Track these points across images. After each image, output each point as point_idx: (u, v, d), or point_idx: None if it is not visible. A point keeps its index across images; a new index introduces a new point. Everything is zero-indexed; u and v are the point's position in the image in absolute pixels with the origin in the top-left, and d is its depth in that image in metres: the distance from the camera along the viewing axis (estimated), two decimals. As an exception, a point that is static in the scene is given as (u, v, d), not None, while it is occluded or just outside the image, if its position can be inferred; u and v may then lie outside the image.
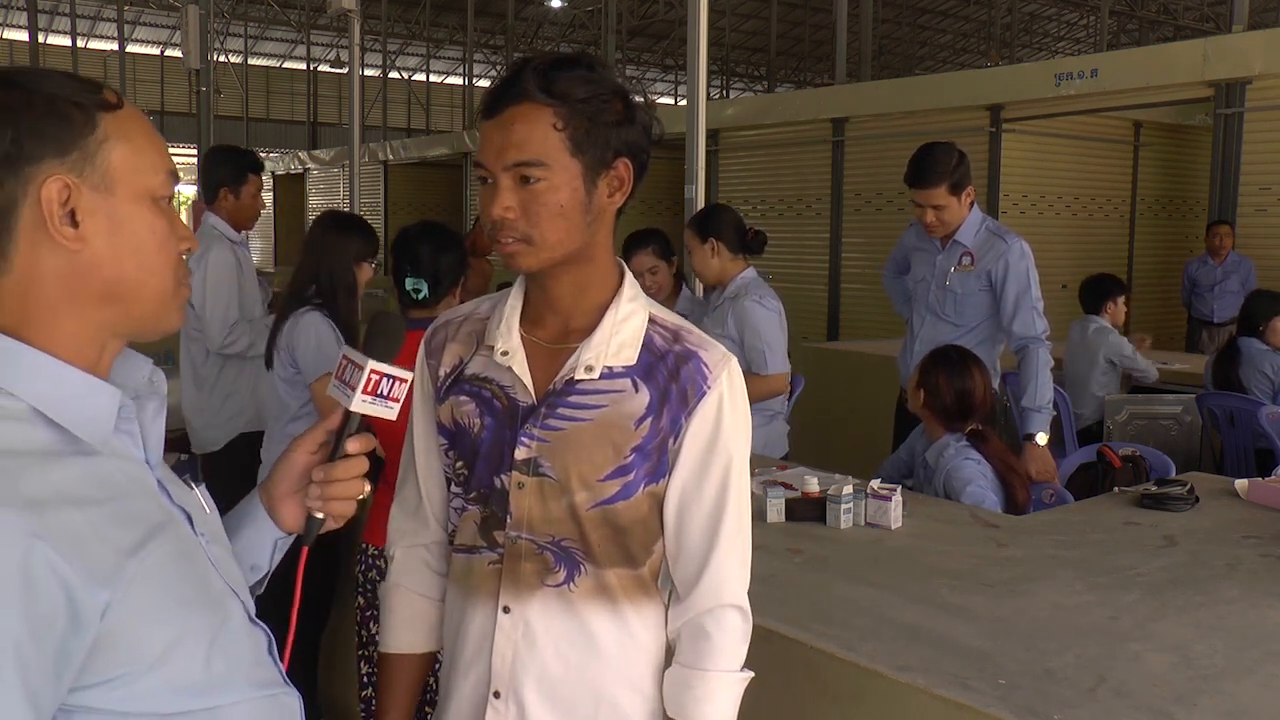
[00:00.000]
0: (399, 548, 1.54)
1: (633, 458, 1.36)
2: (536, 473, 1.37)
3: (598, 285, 1.41)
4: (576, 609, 1.38)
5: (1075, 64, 8.76)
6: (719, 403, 1.38)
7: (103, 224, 0.99)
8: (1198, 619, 1.99)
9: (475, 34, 24.29)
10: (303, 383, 3.16)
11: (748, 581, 1.44)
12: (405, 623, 1.53)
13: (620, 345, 1.38)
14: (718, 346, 1.42)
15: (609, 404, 1.36)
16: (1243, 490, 2.91)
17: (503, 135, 1.31)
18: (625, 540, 1.39)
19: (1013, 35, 24.73)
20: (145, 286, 1.02)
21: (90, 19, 29.12)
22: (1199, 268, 8.15)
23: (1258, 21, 17.29)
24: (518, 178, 1.31)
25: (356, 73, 8.34)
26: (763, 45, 26.33)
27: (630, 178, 1.37)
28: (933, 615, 1.99)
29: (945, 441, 3.07)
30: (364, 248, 3.30)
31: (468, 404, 1.42)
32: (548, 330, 1.42)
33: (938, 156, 3.67)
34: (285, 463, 1.26)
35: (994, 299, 3.70)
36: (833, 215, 10.54)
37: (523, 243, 1.32)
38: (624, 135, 1.34)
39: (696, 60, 5.17)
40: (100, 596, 0.90)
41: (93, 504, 0.94)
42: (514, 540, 1.39)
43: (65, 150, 0.96)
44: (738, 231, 3.80)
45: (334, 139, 28.22)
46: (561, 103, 1.29)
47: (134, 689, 0.94)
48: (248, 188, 4.05)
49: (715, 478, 1.39)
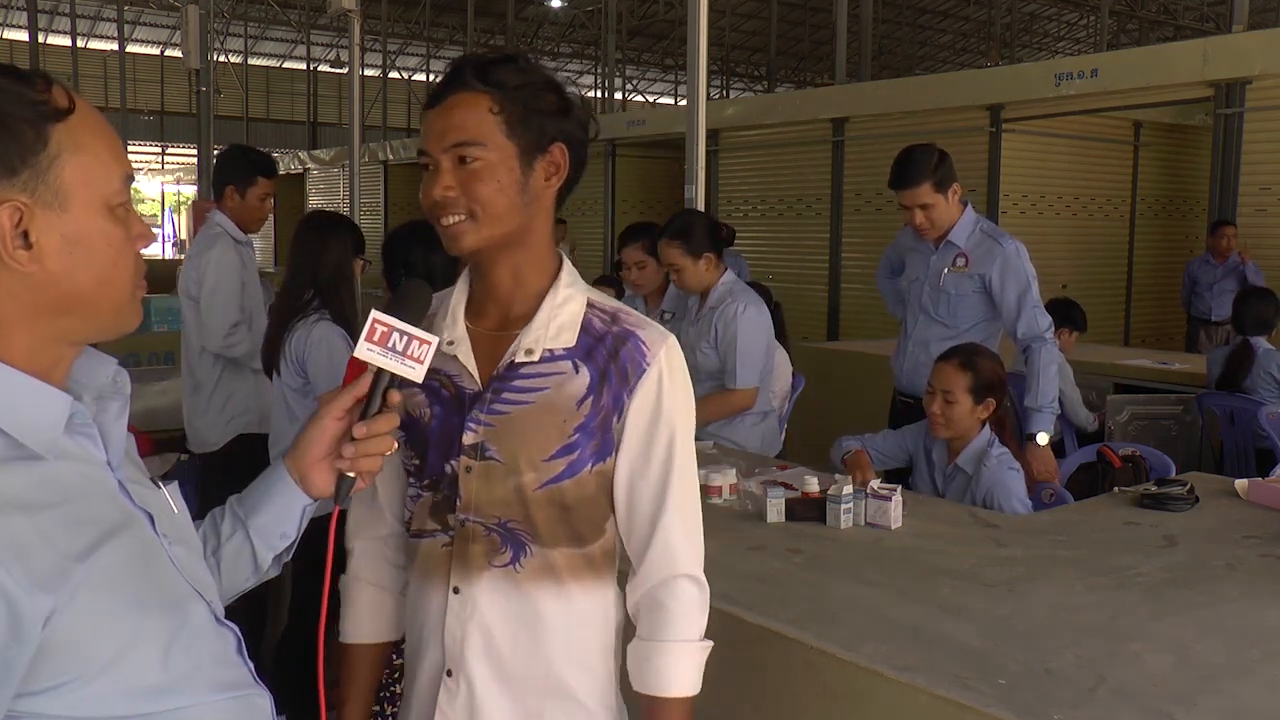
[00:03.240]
0: (358, 540, 1.58)
1: (577, 436, 1.41)
2: (483, 457, 1.42)
3: (536, 272, 1.46)
4: (523, 589, 1.42)
5: (1075, 64, 8.75)
6: (659, 379, 1.43)
7: (57, 242, 0.96)
8: (1198, 619, 1.99)
9: (475, 34, 24.28)
10: (312, 393, 3.14)
11: (701, 552, 1.48)
12: (365, 614, 1.58)
13: (559, 328, 1.43)
14: (655, 325, 1.47)
15: (550, 386, 1.41)
16: (1243, 490, 2.91)
17: (443, 121, 1.38)
18: (572, 520, 1.43)
19: (1013, 35, 24.73)
20: (101, 298, 1.01)
21: (90, 19, 29.12)
22: (1200, 267, 8.15)
23: (1258, 21, 17.29)
24: (456, 159, 1.37)
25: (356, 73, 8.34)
26: (763, 45, 26.33)
27: (566, 164, 1.43)
28: (933, 615, 1.99)
29: (981, 447, 3.02)
30: (355, 243, 3.30)
31: (418, 395, 1.46)
32: (490, 319, 1.47)
33: (917, 156, 3.67)
34: (314, 429, 1.27)
35: (988, 301, 3.69)
36: (832, 215, 10.54)
37: (466, 219, 1.38)
38: (559, 124, 1.42)
39: (696, 60, 5.16)
40: (44, 603, 0.89)
41: (38, 509, 0.92)
42: (463, 523, 1.43)
43: (15, 170, 0.94)
44: (715, 234, 3.76)
45: (334, 139, 28.24)
46: (497, 89, 1.38)
47: (84, 693, 0.93)
48: (255, 189, 4.00)
49: (659, 452, 1.43)
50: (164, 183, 38.74)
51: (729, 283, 3.72)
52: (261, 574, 1.29)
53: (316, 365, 3.10)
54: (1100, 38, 20.93)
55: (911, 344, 3.85)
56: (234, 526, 1.27)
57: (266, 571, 1.30)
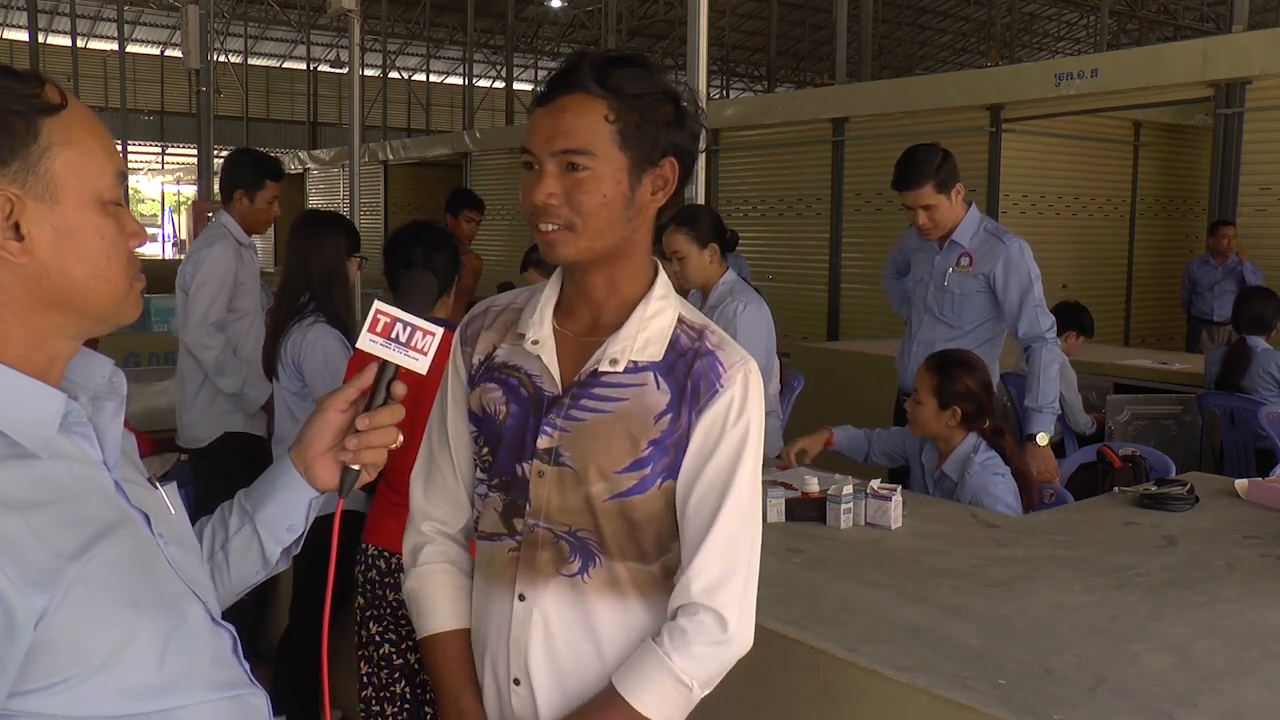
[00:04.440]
0: (434, 532, 1.54)
1: (649, 451, 1.37)
2: (557, 462, 1.39)
3: (631, 281, 1.42)
4: (587, 600, 1.40)
5: (1075, 64, 8.76)
6: (729, 405, 1.37)
7: (48, 233, 0.97)
8: (1198, 619, 1.99)
9: (475, 34, 24.29)
10: (310, 396, 3.14)
11: (740, 593, 1.39)
12: (456, 599, 1.52)
13: (646, 341, 1.39)
14: (737, 349, 1.42)
15: (630, 398, 1.38)
16: (1243, 490, 2.91)
17: (553, 122, 1.32)
18: (638, 535, 1.40)
19: (1013, 35, 24.73)
20: (96, 292, 1.01)
21: (90, 19, 29.13)
22: (1200, 267, 8.15)
23: (1258, 21, 17.30)
24: (564, 165, 1.32)
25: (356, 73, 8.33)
26: (763, 45, 26.33)
27: (675, 178, 1.39)
28: (933, 615, 1.99)
29: (965, 453, 3.02)
30: (350, 242, 3.29)
31: (495, 391, 1.44)
32: (579, 323, 1.44)
33: (920, 157, 3.66)
34: (318, 423, 1.27)
35: (992, 301, 3.69)
36: (833, 215, 10.55)
37: (565, 230, 1.33)
38: (673, 136, 1.36)
39: (696, 60, 5.16)
40: (37, 601, 0.89)
41: (32, 508, 0.92)
42: (532, 528, 1.41)
43: (5, 162, 0.95)
44: (721, 229, 3.75)
45: (334, 139, 28.24)
46: (614, 96, 1.31)
47: (79, 692, 0.93)
48: (263, 193, 3.99)
49: (714, 478, 1.37)
50: (164, 183, 38.76)
51: (730, 281, 3.71)
52: (270, 568, 1.29)
53: (312, 368, 3.09)
54: (1100, 38, 20.93)
55: (915, 344, 3.85)
56: (241, 520, 1.27)
57: (275, 565, 1.30)
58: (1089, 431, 5.13)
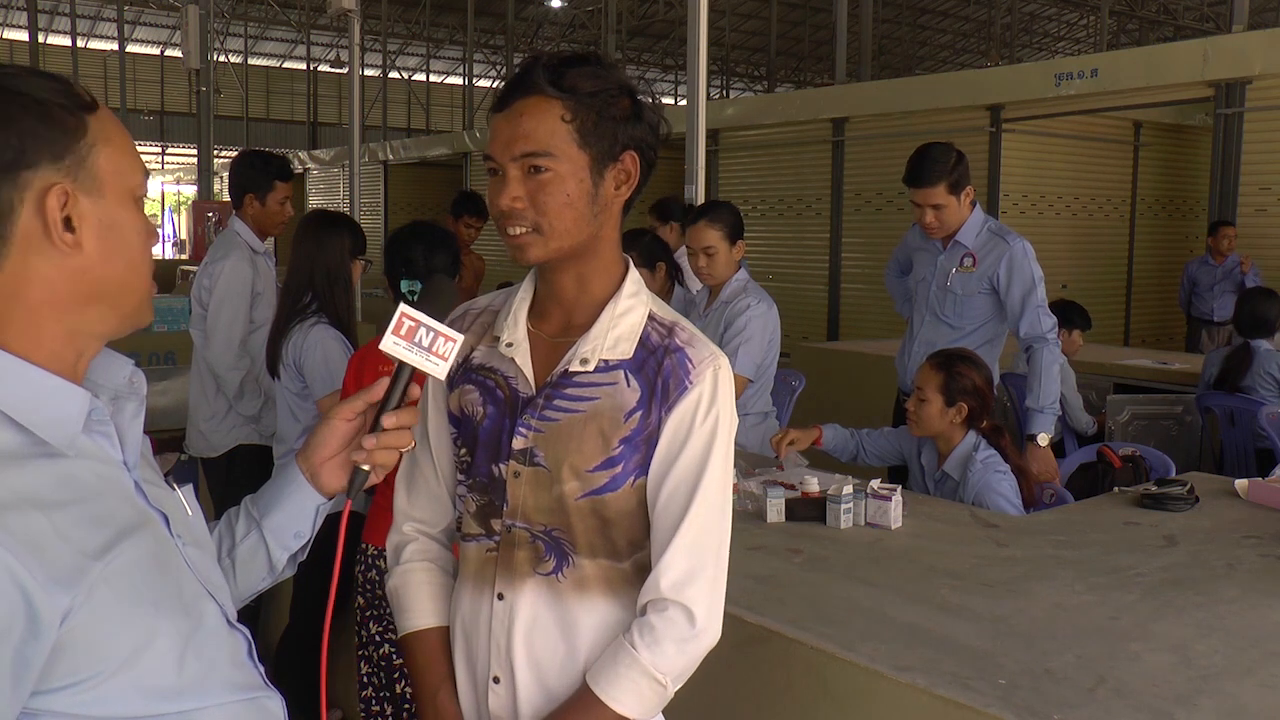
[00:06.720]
0: (416, 532, 1.55)
1: (621, 449, 1.38)
2: (531, 462, 1.40)
3: (601, 279, 1.43)
4: (563, 598, 1.41)
5: (1075, 64, 8.76)
6: (698, 401, 1.38)
7: (95, 227, 0.99)
8: (1198, 619, 1.99)
9: (475, 34, 24.29)
10: (310, 396, 3.14)
11: (708, 589, 1.38)
12: (435, 597, 1.53)
13: (617, 339, 1.40)
14: (707, 344, 1.43)
15: (602, 396, 1.39)
16: (1243, 490, 2.91)
17: (512, 127, 1.34)
18: (611, 533, 1.41)
19: (1013, 35, 24.73)
20: (130, 285, 1.03)
21: (90, 19, 29.14)
22: (1199, 267, 8.15)
23: (1258, 21, 17.30)
24: (526, 168, 1.33)
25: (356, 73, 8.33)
26: (763, 45, 26.34)
27: (637, 172, 1.40)
28: (933, 615, 1.99)
29: (966, 452, 3.02)
30: (355, 244, 3.29)
31: (472, 392, 1.45)
32: (552, 324, 1.45)
33: (935, 156, 3.67)
34: (325, 429, 1.28)
35: (995, 301, 3.69)
36: (833, 215, 10.55)
37: (532, 232, 1.35)
38: (631, 131, 1.37)
39: (696, 60, 5.16)
40: (61, 600, 0.89)
41: (56, 506, 0.93)
42: (509, 529, 1.42)
43: (60, 155, 0.96)
44: (742, 226, 3.77)
45: (334, 139, 28.25)
46: (570, 95, 1.33)
47: (100, 692, 0.93)
48: (274, 195, 3.94)
49: (683, 476, 1.37)
50: (164, 183, 38.74)
51: (744, 279, 3.74)
52: (277, 574, 1.30)
53: (312, 369, 3.09)
54: (1100, 38, 20.94)
55: (917, 344, 3.85)
56: (248, 527, 1.27)
57: (281, 572, 1.30)
58: (1090, 432, 5.14)
